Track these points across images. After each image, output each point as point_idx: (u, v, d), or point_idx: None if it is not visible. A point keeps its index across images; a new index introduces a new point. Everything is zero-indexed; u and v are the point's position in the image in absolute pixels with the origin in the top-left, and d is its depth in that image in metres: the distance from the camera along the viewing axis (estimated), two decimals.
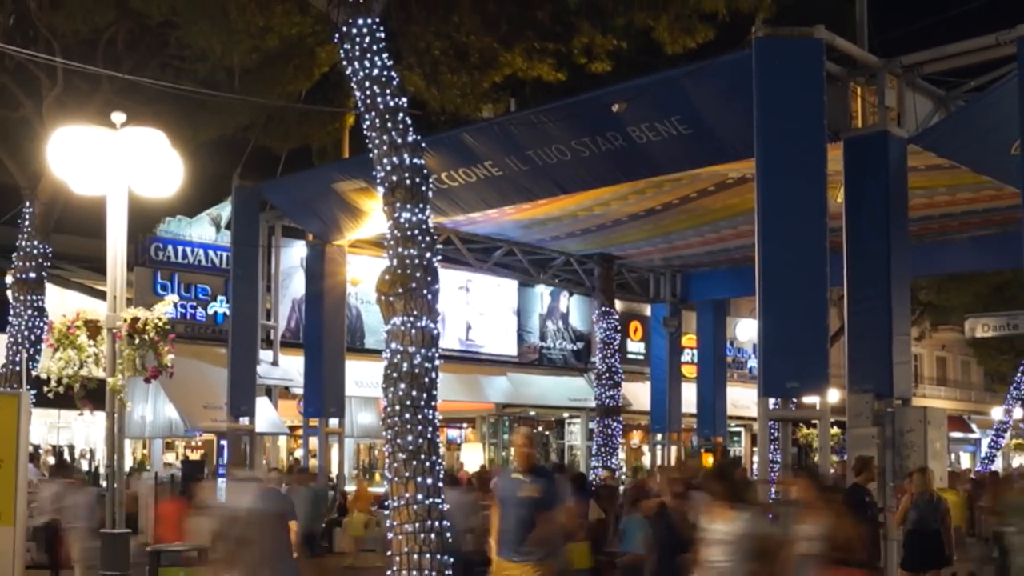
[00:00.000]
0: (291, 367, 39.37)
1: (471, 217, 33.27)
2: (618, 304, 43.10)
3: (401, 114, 20.26)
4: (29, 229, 31.70)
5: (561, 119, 27.56)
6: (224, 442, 37.21)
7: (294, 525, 16.94)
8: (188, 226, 41.94)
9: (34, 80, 29.30)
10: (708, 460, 43.45)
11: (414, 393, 19.60)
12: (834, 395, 25.08)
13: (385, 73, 20.31)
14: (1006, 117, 23.76)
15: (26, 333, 31.08)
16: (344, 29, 20.36)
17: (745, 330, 53.08)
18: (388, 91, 20.25)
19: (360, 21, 20.23)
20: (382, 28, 20.46)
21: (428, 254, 20.01)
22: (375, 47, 20.31)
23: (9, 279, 32.06)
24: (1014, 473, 40.59)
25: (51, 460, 38.73)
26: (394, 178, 20.10)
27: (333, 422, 35.57)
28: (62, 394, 20.39)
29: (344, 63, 20.61)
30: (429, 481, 19.38)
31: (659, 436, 45.97)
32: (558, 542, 15.18)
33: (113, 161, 15.51)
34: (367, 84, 20.26)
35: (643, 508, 20.71)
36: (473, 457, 49.88)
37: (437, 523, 19.32)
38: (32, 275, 31.68)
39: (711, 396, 44.65)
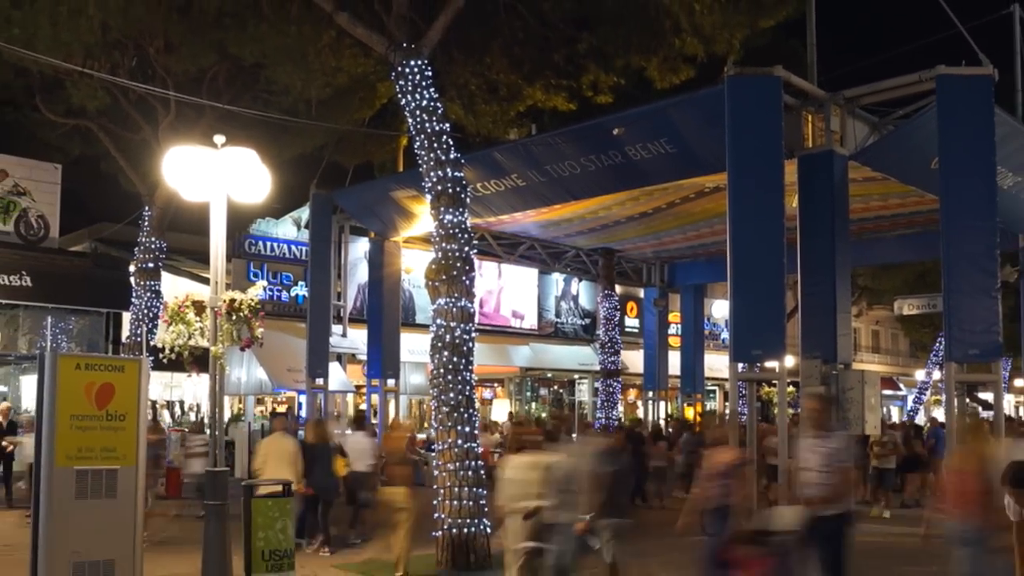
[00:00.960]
0: (357, 338, 39.30)
1: (500, 219, 33.22)
2: (617, 288, 43.04)
3: (445, 136, 20.24)
4: (148, 228, 31.85)
5: (572, 141, 27.57)
6: (303, 398, 37.29)
7: None
8: (275, 226, 41.89)
9: (152, 110, 29.37)
10: (689, 412, 43.56)
11: (455, 359, 19.60)
12: (790, 361, 25.00)
13: (432, 104, 20.28)
14: (927, 139, 23.87)
15: (145, 311, 31.24)
16: (399, 69, 20.33)
17: (719, 309, 52.87)
18: (434, 118, 20.22)
19: (412, 62, 20.21)
20: (429, 68, 20.42)
21: (466, 248, 20.00)
22: (424, 83, 20.27)
23: (132, 268, 32.21)
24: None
25: (166, 413, 38.83)
26: (439, 188, 20.08)
27: (390, 382, 35.53)
28: (174, 360, 20.43)
29: (399, 96, 20.59)
30: (467, 429, 19.40)
31: (650, 393, 46.12)
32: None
33: (215, 174, 15.46)
34: (418, 113, 20.23)
35: None
36: (502, 411, 49.98)
37: (473, 463, 19.36)
38: (150, 265, 31.82)
39: (692, 361, 44.64)
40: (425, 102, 20.29)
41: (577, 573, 14.80)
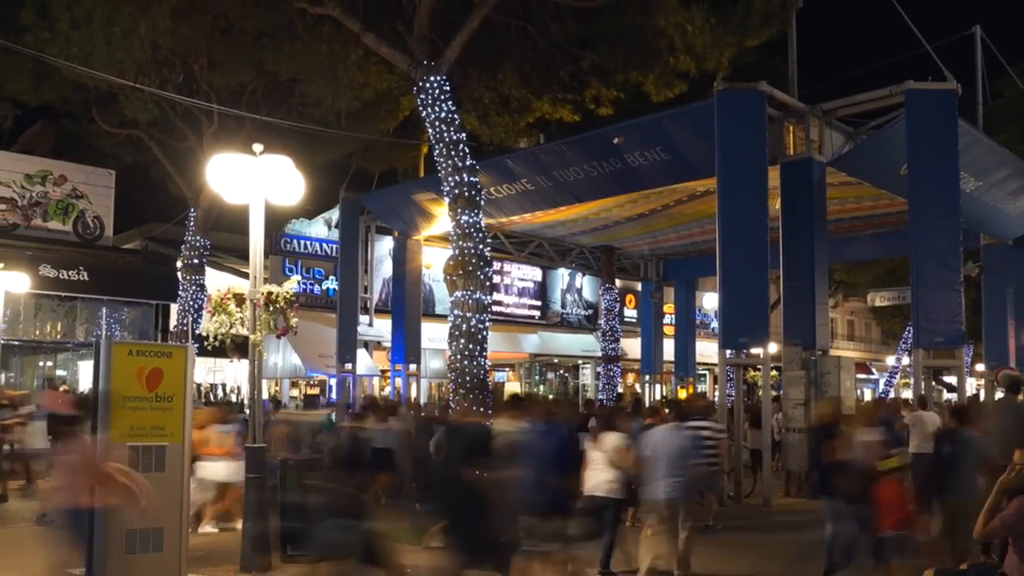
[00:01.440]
0: (382, 327, 39.30)
1: (512, 219, 33.19)
2: (617, 282, 43.01)
3: (461, 145, 20.28)
4: (193, 228, 31.93)
5: (576, 149, 27.57)
6: (333, 380, 37.33)
7: None
8: (308, 226, 41.91)
9: (197, 121, 29.40)
10: (682, 393, 43.45)
11: (471, 346, 19.63)
12: (773, 347, 25.03)
13: (450, 115, 20.30)
14: (897, 148, 24.01)
15: (191, 303, 31.32)
16: (420, 84, 20.36)
17: (709, 300, 52.60)
18: (452, 128, 20.24)
19: (432, 78, 20.22)
20: (447, 83, 20.45)
21: (481, 246, 20.05)
22: (442, 97, 20.29)
23: (179, 264, 32.29)
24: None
25: (211, 397, 38.86)
26: (456, 191, 20.11)
27: (412, 367, 35.57)
28: (217, 347, 20.46)
29: (420, 108, 20.63)
30: (482, 409, 19.40)
31: (647, 377, 46.11)
32: None
33: (253, 179, 15.46)
34: (437, 124, 20.26)
35: None
36: (513, 392, 50.02)
37: None
38: (195, 261, 31.90)
39: (684, 348, 44.59)
40: (443, 114, 20.33)
41: None
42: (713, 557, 16.75)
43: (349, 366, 34.90)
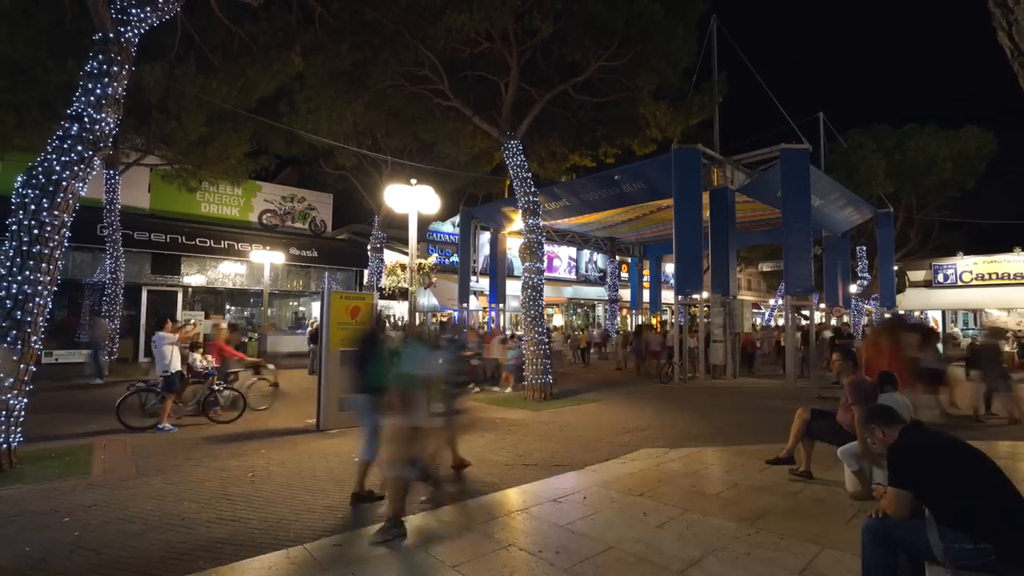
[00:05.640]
0: (484, 283, 39.25)
1: (557, 221, 33.09)
2: (617, 257, 42.83)
3: (528, 180, 20.11)
4: (376, 226, 32.01)
5: (593, 182, 27.50)
6: (456, 313, 37.40)
7: None
8: (441, 225, 41.80)
9: (379, 165, 29.51)
10: (654, 321, 43.16)
11: (533, 294, 19.56)
12: (705, 294, 24.81)
13: (522, 163, 20.15)
14: (775, 181, 24.30)
15: (376, 269, 31.47)
16: (505, 145, 20.22)
17: (669, 268, 52.15)
18: (523, 170, 20.09)
19: (512, 142, 20.08)
20: (521, 144, 20.30)
21: (540, 238, 19.93)
22: (518, 152, 20.15)
23: (369, 247, 32.40)
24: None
25: (387, 323, 38.99)
26: (526, 206, 19.98)
27: (500, 306, 35.52)
28: (390, 294, 20.54)
29: (505, 159, 20.48)
30: (540, 330, 19.37)
31: (634, 311, 45.88)
32: None
33: (411, 199, 15.45)
34: (515, 167, 20.12)
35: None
36: (558, 321, 49.84)
37: (544, 347, 19.34)
38: (378, 245, 32.01)
39: (655, 294, 44.39)
40: (519, 162, 20.19)
41: None
42: (677, 400, 16.71)
43: (466, 305, 34.95)
